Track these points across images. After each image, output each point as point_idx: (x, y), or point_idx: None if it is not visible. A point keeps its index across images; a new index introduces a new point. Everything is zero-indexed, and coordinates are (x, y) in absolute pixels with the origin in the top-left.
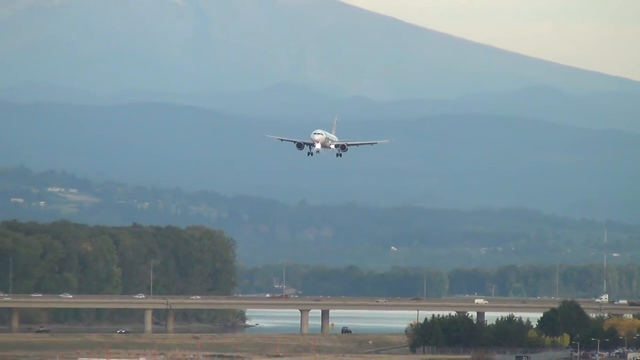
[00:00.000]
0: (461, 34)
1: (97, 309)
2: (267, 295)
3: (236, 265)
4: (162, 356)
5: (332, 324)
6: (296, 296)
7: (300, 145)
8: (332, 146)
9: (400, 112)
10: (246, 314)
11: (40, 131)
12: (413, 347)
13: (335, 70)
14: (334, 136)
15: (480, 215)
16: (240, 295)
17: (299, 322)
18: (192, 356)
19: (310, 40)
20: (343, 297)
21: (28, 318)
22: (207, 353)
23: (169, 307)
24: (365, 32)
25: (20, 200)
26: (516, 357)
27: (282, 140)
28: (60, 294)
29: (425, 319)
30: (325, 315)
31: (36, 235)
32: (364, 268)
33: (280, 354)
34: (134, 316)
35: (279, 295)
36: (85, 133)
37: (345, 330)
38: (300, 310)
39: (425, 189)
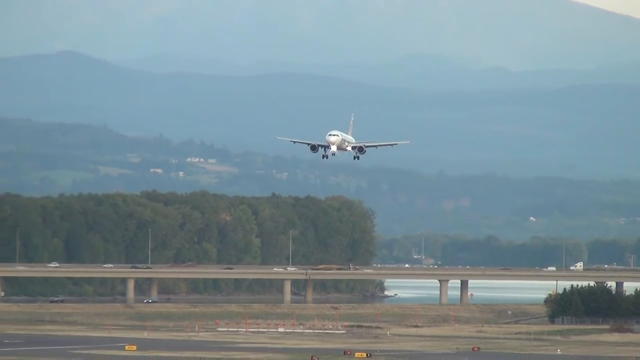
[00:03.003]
0: (599, 4)
1: (236, 279)
2: (406, 265)
3: (375, 236)
4: (301, 326)
5: (471, 294)
6: (436, 266)
7: (314, 148)
8: (349, 148)
9: (539, 82)
10: (385, 284)
11: (179, 101)
12: (552, 318)
13: (473, 40)
14: (351, 137)
15: (619, 185)
16: (379, 266)
17: (438, 292)
18: (331, 326)
19: (448, 10)
20: (482, 267)
21: (167, 288)
22: (346, 323)
23: (308, 277)
24: (503, 1)
25: (160, 170)
26: None
27: (294, 142)
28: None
29: (564, 289)
30: (464, 285)
31: (175, 206)
32: (502, 238)
33: (419, 325)
34: (273, 286)
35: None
36: (224, 103)
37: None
38: (439, 280)
39: (564, 159)
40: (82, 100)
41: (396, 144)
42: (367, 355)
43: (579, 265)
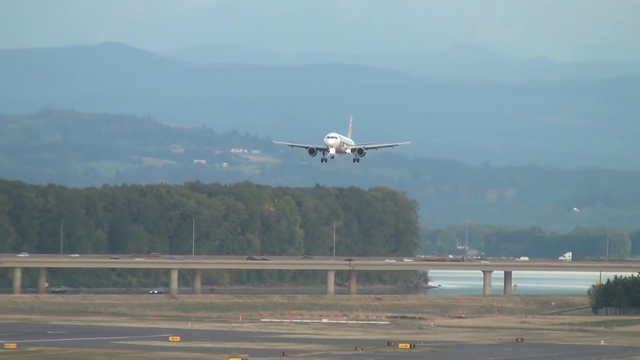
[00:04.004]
0: None
1: (280, 270)
2: (450, 256)
3: (419, 227)
4: (344, 317)
5: (515, 285)
6: (479, 257)
7: (312, 151)
8: (348, 151)
9: (583, 73)
10: (429, 275)
11: (223, 92)
12: (595, 308)
13: (519, 31)
14: (350, 139)
15: None
16: (422, 257)
17: (482, 283)
18: (374, 317)
19: (493, 1)
20: (526, 257)
21: (211, 279)
22: (390, 314)
23: (351, 268)
24: None
25: (203, 161)
26: None
27: (292, 146)
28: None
29: (608, 280)
30: (507, 276)
31: (219, 197)
32: (546, 229)
33: (463, 315)
34: (316, 277)
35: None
36: (268, 94)
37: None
38: (482, 271)
39: (608, 150)
40: (126, 91)
41: (397, 145)
42: (410, 346)
43: (567, 256)
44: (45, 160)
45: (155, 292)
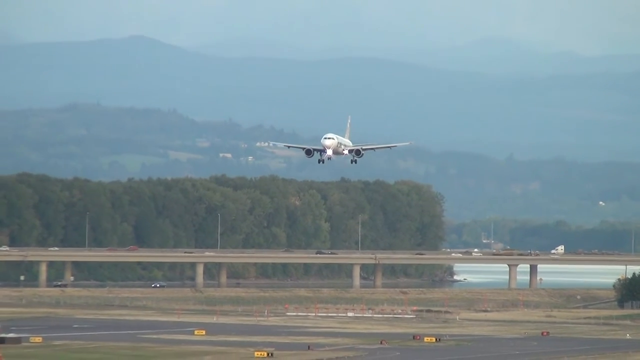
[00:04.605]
0: None
1: (305, 264)
2: (475, 250)
3: (444, 220)
4: (370, 311)
5: (540, 279)
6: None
7: (309, 152)
8: (346, 152)
9: (608, 67)
10: (454, 268)
11: (248, 86)
12: (621, 302)
13: (545, 25)
14: (348, 140)
15: None
16: (448, 250)
17: (507, 277)
18: (400, 311)
19: None
20: (551, 251)
21: (236, 273)
22: (415, 308)
23: (377, 262)
24: None
25: (229, 155)
26: None
27: (289, 147)
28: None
29: (634, 273)
30: (533, 270)
31: (244, 190)
32: (571, 223)
33: (488, 309)
34: (342, 271)
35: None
36: (293, 88)
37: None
38: (508, 265)
39: (633, 143)
40: (151, 85)
41: (395, 146)
42: (436, 339)
43: (560, 249)
44: (70, 154)
45: (157, 285)
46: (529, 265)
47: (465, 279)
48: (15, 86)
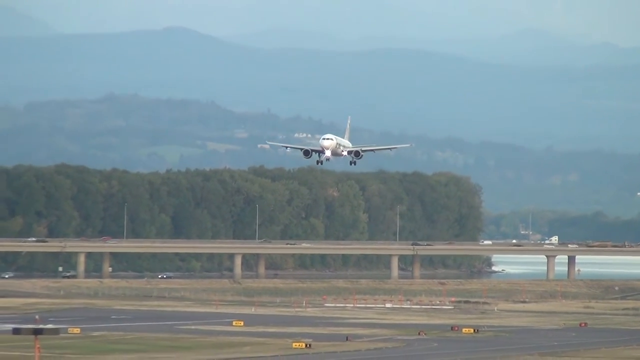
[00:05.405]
0: None
1: (344, 255)
2: (514, 241)
3: (482, 211)
4: (408, 302)
5: (579, 270)
6: (543, 242)
7: (307, 153)
8: (345, 153)
9: None
10: (492, 259)
11: (287, 77)
12: None
13: (582, 16)
14: (347, 141)
15: None
16: (487, 242)
17: (545, 268)
18: (438, 302)
19: None
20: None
21: (274, 264)
22: (453, 299)
23: (415, 253)
24: None
25: (267, 146)
26: None
27: (287, 147)
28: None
29: None
30: (571, 261)
31: (282, 182)
32: (610, 214)
33: (526, 300)
34: (380, 262)
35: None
36: (331, 78)
37: None
38: (546, 256)
39: None
40: (189, 76)
41: (395, 147)
42: (474, 330)
43: (553, 239)
44: (108, 145)
45: (164, 276)
46: (566, 256)
47: (503, 270)
48: (53, 77)
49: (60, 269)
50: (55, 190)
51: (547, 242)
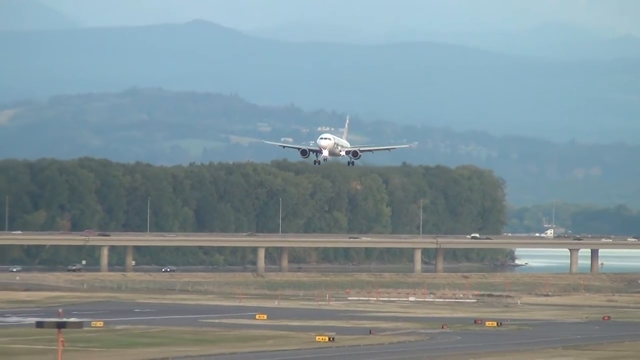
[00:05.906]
0: None
1: (367, 248)
2: (537, 234)
3: (505, 205)
4: (431, 295)
5: (602, 263)
6: (567, 235)
7: (304, 152)
8: (343, 153)
9: None
10: (516, 253)
11: (310, 70)
12: None
13: (606, 9)
14: (345, 141)
15: None
16: (509, 235)
17: (568, 261)
18: (461, 295)
19: None
20: (613, 236)
21: (297, 257)
22: (477, 292)
23: (438, 246)
24: None
25: (290, 139)
26: None
27: (284, 147)
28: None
29: None
30: (594, 254)
31: (306, 175)
32: (633, 207)
33: (550, 293)
34: (403, 255)
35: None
36: (355, 72)
37: None
38: (569, 249)
39: None
40: (213, 69)
41: (394, 148)
42: (497, 324)
43: (549, 232)
44: (132, 138)
45: (167, 270)
46: (590, 250)
47: (526, 264)
48: (76, 71)
49: (84, 262)
50: (78, 184)
51: (542, 235)
